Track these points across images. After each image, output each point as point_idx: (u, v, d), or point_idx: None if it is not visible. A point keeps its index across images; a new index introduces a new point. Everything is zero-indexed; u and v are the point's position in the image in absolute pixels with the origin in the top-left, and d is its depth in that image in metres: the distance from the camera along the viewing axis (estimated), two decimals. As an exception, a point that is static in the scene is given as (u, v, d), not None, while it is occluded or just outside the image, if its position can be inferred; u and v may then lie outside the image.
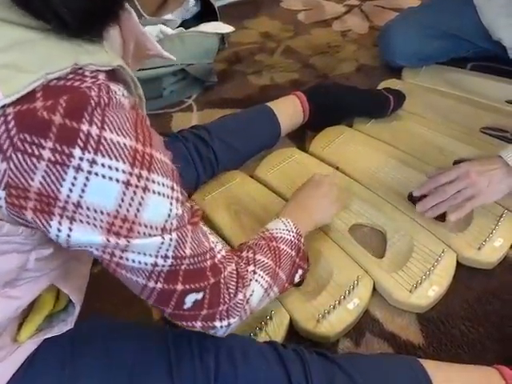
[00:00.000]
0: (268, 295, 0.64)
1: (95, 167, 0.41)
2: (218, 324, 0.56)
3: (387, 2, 1.87)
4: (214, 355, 0.59)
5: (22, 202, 0.41)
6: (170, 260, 0.48)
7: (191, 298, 0.52)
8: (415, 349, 0.78)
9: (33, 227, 0.45)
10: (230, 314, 0.56)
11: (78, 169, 0.40)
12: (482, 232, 0.91)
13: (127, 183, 0.42)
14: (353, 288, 0.82)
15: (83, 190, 0.41)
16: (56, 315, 0.59)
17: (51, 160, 0.40)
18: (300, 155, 1.13)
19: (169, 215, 0.47)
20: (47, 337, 0.56)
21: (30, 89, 0.38)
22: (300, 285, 0.81)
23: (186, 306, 0.52)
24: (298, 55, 1.59)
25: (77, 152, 0.40)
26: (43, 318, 0.57)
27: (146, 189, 0.44)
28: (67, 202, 0.41)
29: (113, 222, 0.43)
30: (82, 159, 0.40)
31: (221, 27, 1.41)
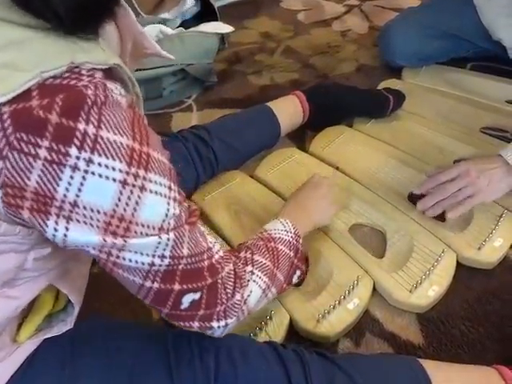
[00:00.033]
0: (266, 296, 0.64)
1: (92, 166, 0.41)
2: (215, 324, 0.55)
3: (387, 2, 1.87)
4: (213, 355, 0.59)
5: (19, 202, 0.41)
6: (167, 260, 0.48)
7: (188, 298, 0.51)
8: (415, 349, 0.78)
9: (30, 227, 0.45)
10: (228, 315, 0.56)
11: (75, 168, 0.40)
12: (481, 232, 0.91)
13: (124, 182, 0.42)
14: (353, 288, 0.82)
15: (80, 190, 0.41)
16: (55, 315, 0.59)
17: (47, 159, 0.39)
18: (300, 155, 1.13)
19: (166, 215, 0.46)
20: (47, 337, 0.56)
21: (26, 87, 0.38)
22: (300, 285, 0.80)
23: (183, 306, 0.52)
24: (298, 55, 1.59)
25: (73, 151, 0.40)
26: (42, 318, 0.57)
27: (143, 188, 0.44)
28: (64, 202, 0.41)
29: (110, 221, 0.43)
30: (78, 158, 0.40)
31: (221, 27, 1.41)
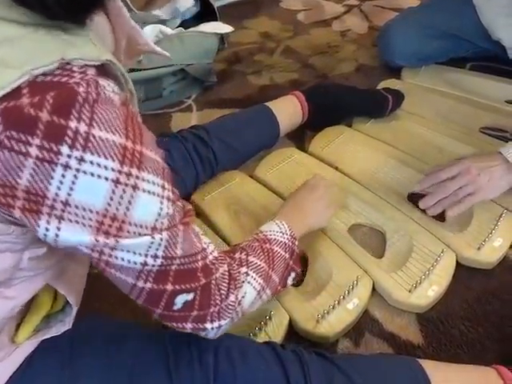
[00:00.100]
0: (260, 297, 0.63)
1: (84, 165, 0.40)
2: (208, 326, 0.55)
3: (387, 2, 1.87)
4: (212, 355, 0.59)
5: (10, 201, 0.41)
6: (159, 260, 0.47)
7: (181, 299, 0.51)
8: (415, 349, 0.78)
9: (24, 226, 0.44)
10: (221, 316, 0.55)
11: (66, 166, 0.40)
12: (481, 232, 0.91)
13: (116, 181, 0.42)
14: (352, 288, 0.82)
15: (71, 188, 0.40)
16: (54, 316, 0.58)
17: (39, 157, 0.39)
18: (299, 155, 1.13)
19: (159, 214, 0.46)
20: (45, 337, 0.56)
21: (15, 85, 0.38)
22: (299, 285, 0.80)
23: (176, 307, 0.51)
24: (298, 55, 1.59)
25: (65, 149, 0.39)
26: (41, 318, 0.57)
27: (135, 187, 0.43)
28: (55, 201, 0.41)
29: (102, 220, 0.42)
30: (70, 157, 0.39)
31: (220, 27, 1.41)
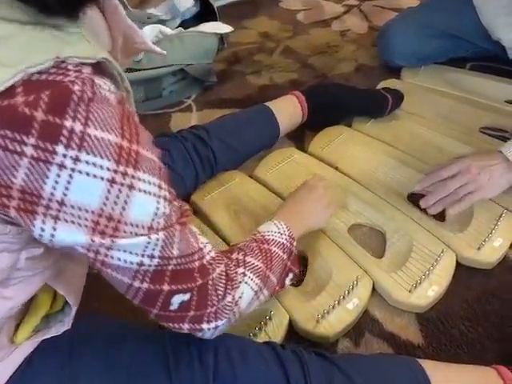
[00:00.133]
0: (258, 298, 0.63)
1: (79, 164, 0.40)
2: (205, 326, 0.54)
3: (386, 2, 1.87)
4: (212, 355, 0.59)
5: (5, 201, 0.40)
6: (156, 260, 0.47)
7: (178, 299, 0.51)
8: (415, 349, 0.78)
9: (20, 226, 0.44)
10: (218, 317, 0.55)
11: (61, 166, 0.39)
12: (481, 232, 0.91)
13: (112, 181, 0.41)
14: (352, 288, 0.82)
15: (67, 188, 0.40)
16: (53, 316, 0.58)
17: (34, 157, 0.39)
18: (299, 155, 1.13)
19: (155, 214, 0.45)
20: (45, 337, 0.56)
21: (9, 84, 0.37)
22: (299, 285, 0.80)
23: (172, 307, 0.51)
24: (297, 55, 1.59)
25: (60, 149, 0.39)
26: (40, 318, 0.57)
27: (131, 187, 0.43)
28: (51, 200, 0.40)
29: (98, 220, 0.42)
30: (65, 156, 0.39)
31: (220, 27, 1.41)
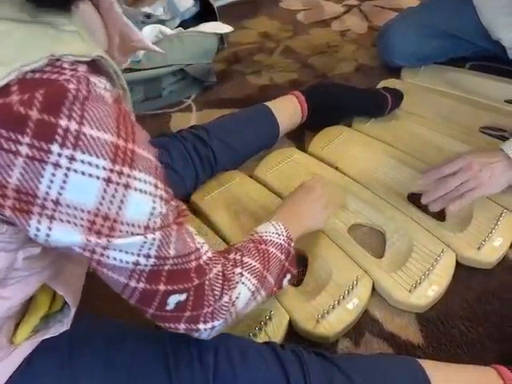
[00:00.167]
0: (255, 298, 0.63)
1: (74, 164, 0.40)
2: (201, 326, 0.54)
3: (386, 2, 1.87)
4: (212, 355, 0.59)
5: (0, 200, 0.40)
6: (152, 259, 0.47)
7: (174, 299, 0.50)
8: (415, 349, 0.78)
9: (16, 225, 0.44)
10: (215, 317, 0.55)
11: (57, 165, 0.39)
12: (481, 232, 0.90)
13: (108, 180, 0.41)
14: (352, 288, 0.82)
15: (62, 187, 0.40)
16: (52, 316, 0.58)
17: (29, 156, 0.38)
18: (299, 155, 1.13)
19: (152, 213, 0.45)
20: (44, 338, 0.56)
21: (4, 82, 0.37)
22: (299, 285, 0.80)
23: (168, 308, 0.51)
24: (297, 55, 1.59)
25: (55, 148, 0.39)
26: (39, 319, 0.56)
27: (127, 186, 0.42)
28: (46, 200, 0.40)
29: (93, 220, 0.42)
30: (60, 155, 0.39)
31: (220, 27, 1.41)
